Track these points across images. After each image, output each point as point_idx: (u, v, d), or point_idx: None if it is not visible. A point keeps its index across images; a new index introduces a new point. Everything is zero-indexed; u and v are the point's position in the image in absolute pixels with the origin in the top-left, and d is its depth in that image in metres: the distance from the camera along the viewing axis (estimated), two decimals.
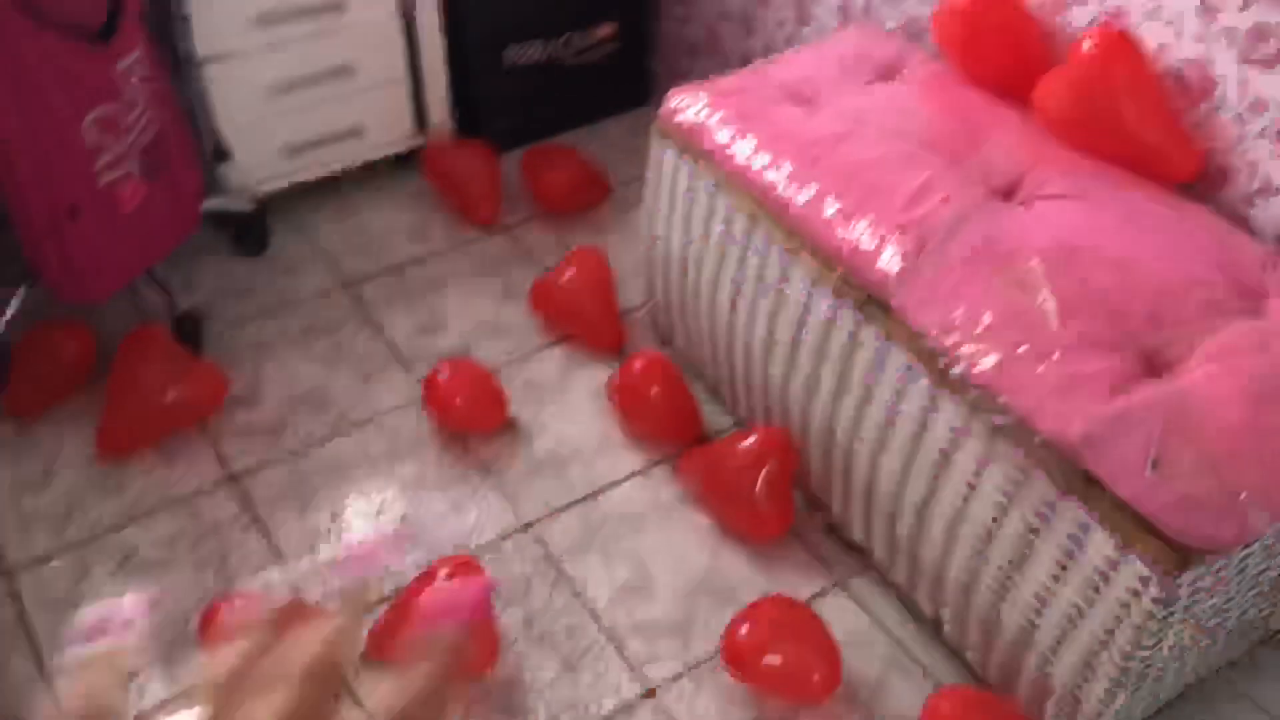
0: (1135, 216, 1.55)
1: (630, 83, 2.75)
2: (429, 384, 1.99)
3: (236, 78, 2.15)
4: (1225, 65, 1.56)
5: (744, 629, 1.62)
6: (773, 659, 1.61)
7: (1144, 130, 1.62)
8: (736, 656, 1.64)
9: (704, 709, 1.65)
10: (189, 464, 1.94)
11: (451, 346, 2.18)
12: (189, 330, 2.09)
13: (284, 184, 2.36)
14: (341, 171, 2.43)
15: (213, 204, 2.21)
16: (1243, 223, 1.61)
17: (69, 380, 2.01)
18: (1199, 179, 1.64)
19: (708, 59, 2.59)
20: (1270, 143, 1.55)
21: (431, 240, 2.41)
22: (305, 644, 0.48)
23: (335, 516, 1.88)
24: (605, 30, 2.60)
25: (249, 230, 2.31)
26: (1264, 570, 1.40)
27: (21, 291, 2.03)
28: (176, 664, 1.67)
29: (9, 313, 2.02)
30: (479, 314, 2.25)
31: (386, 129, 2.43)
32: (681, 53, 2.66)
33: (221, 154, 2.20)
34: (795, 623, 1.64)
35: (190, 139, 2.01)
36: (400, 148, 2.48)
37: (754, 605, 1.66)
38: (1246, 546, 1.31)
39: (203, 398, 1.98)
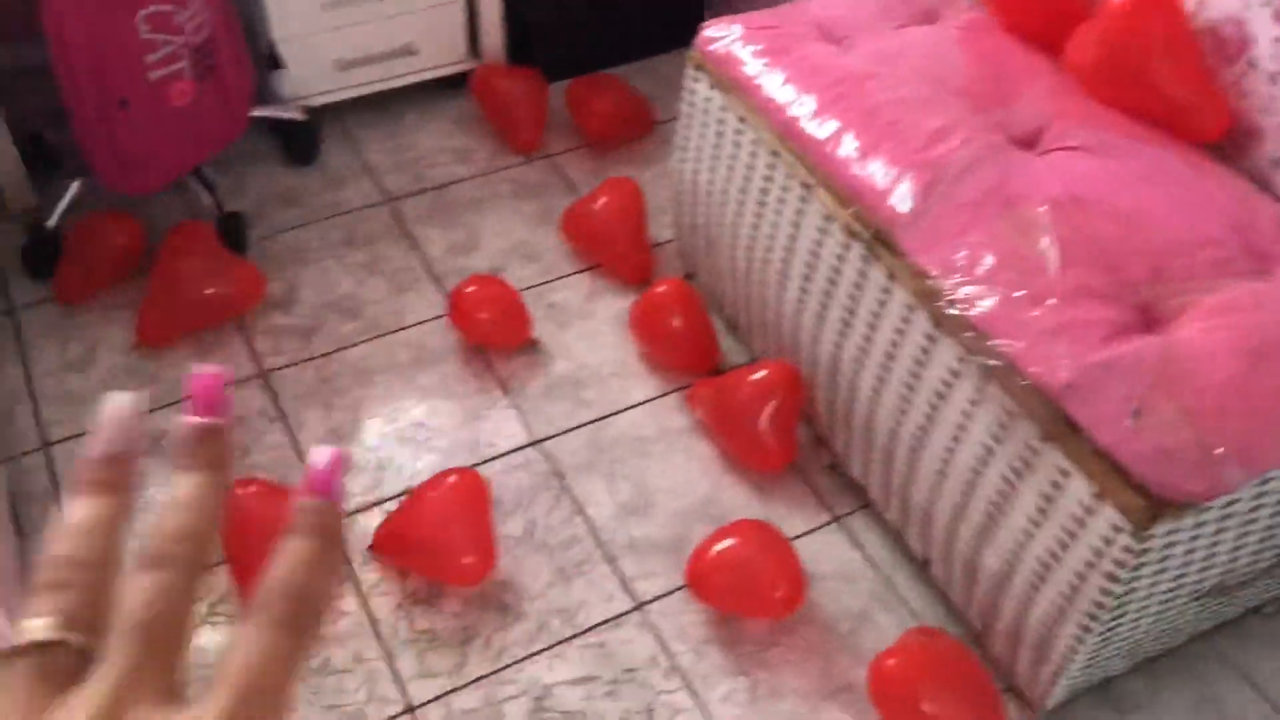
0: (1154, 172, 1.54)
1: (683, 20, 2.74)
2: (456, 296, 2.04)
3: None
4: (1261, 25, 1.54)
5: (705, 551, 1.68)
6: (729, 578, 1.66)
7: (1173, 87, 1.60)
8: (697, 577, 1.69)
9: (688, 626, 1.70)
10: (223, 358, 2.03)
11: (483, 266, 2.23)
12: (233, 230, 2.17)
13: (335, 97, 2.41)
14: (392, 89, 2.49)
15: (265, 111, 2.28)
16: (1267, 186, 1.59)
17: (116, 269, 2.10)
18: (1227, 139, 1.62)
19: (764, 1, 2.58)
20: None
21: (473, 162, 2.46)
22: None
23: (357, 417, 1.95)
24: None
25: (299, 140, 2.38)
26: (1246, 530, 1.41)
27: (77, 184, 2.13)
28: None
29: (64, 203, 2.11)
30: (512, 236, 2.30)
31: (439, 50, 2.47)
32: None
33: (274, 62, 2.27)
34: (756, 541, 1.68)
35: (243, 45, 2.07)
36: (451, 69, 2.52)
37: (718, 530, 1.71)
38: (1226, 503, 1.31)
39: (241, 296, 2.06)
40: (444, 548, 1.69)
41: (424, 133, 2.52)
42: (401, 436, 1.93)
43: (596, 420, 1.97)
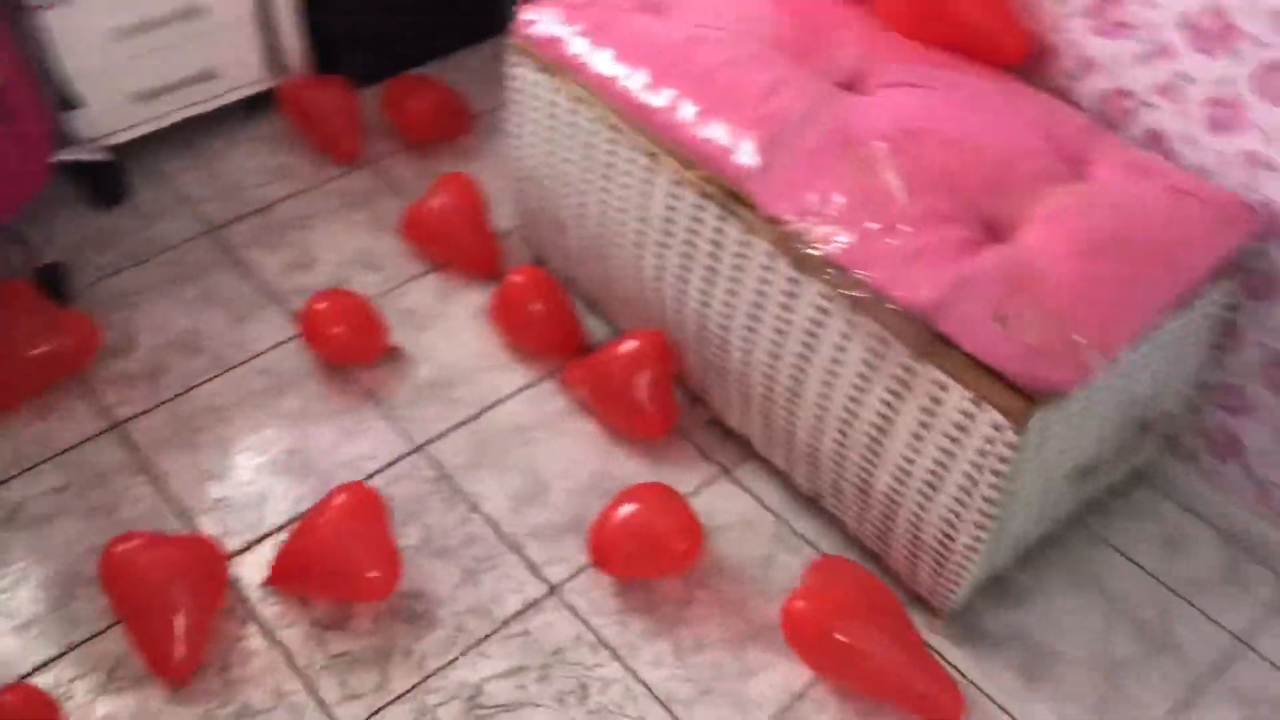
0: (969, 98, 1.65)
1: (483, 12, 2.75)
2: (305, 316, 1.99)
3: (79, 23, 2.09)
4: None
5: (603, 524, 1.71)
6: (630, 543, 1.70)
7: (973, 16, 1.71)
8: (600, 550, 1.72)
9: (605, 599, 1.72)
10: (68, 416, 1.92)
11: (324, 282, 2.18)
12: (54, 283, 2.05)
13: (139, 132, 2.30)
14: (197, 116, 2.39)
15: (66, 155, 2.16)
16: (1065, 97, 1.72)
17: None
18: (1026, 60, 1.74)
19: None
20: (1086, 21, 1.66)
21: (294, 179, 2.39)
22: None
23: (224, 455, 1.88)
24: None
25: (106, 180, 2.26)
26: (1104, 409, 1.53)
27: None
28: (73, 612, 1.67)
29: None
30: (349, 248, 2.25)
31: (240, 70, 2.39)
32: None
33: (69, 103, 2.14)
34: (648, 501, 1.71)
35: (36, 88, 1.95)
36: (255, 89, 2.44)
37: (611, 501, 1.74)
38: (1087, 387, 1.43)
39: (75, 349, 1.95)
40: (346, 566, 1.66)
41: (237, 156, 2.43)
42: (276, 466, 1.87)
43: (473, 417, 1.97)
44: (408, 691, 1.61)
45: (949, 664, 1.67)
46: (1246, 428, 1.75)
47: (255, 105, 2.48)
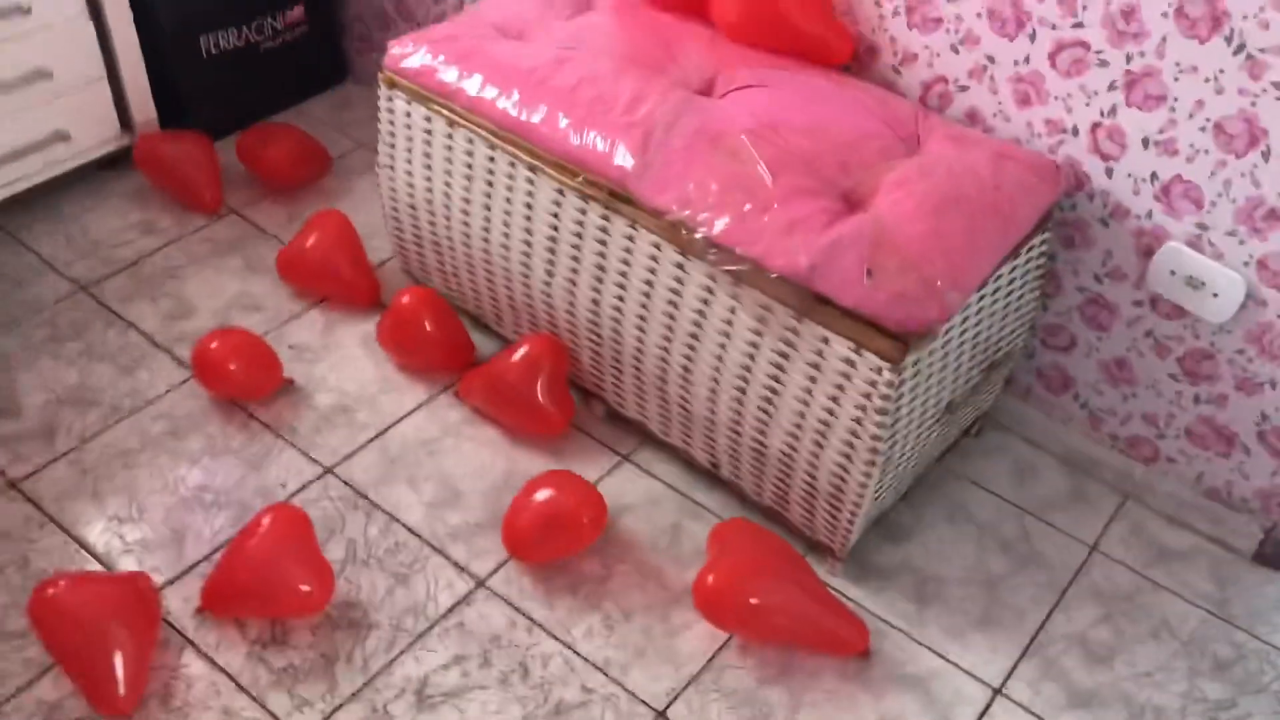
0: (811, 93, 1.85)
1: (326, 62, 2.84)
2: (200, 355, 2.02)
3: None
4: None
5: (513, 518, 1.84)
6: (541, 529, 1.82)
7: (804, 23, 1.92)
8: (514, 542, 1.84)
9: (530, 585, 1.82)
10: None
11: (206, 328, 2.21)
12: None
13: None
14: (53, 180, 2.39)
15: None
16: (892, 87, 1.96)
17: None
18: (854, 58, 1.97)
19: (401, 26, 2.72)
20: (904, 18, 1.90)
21: (160, 233, 2.42)
22: None
23: (133, 499, 1.89)
24: (296, 13, 2.68)
25: None
26: (960, 348, 1.75)
27: None
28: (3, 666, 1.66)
29: None
30: (226, 293, 2.29)
31: (92, 131, 2.40)
32: (374, 27, 2.78)
33: None
34: (550, 486, 1.84)
35: None
36: (110, 148, 2.45)
37: (516, 496, 1.86)
38: (947, 328, 1.64)
39: None
40: (280, 584, 1.71)
41: (99, 215, 2.44)
42: (189, 503, 1.90)
43: (378, 436, 2.04)
44: (357, 692, 1.67)
45: (851, 601, 1.84)
46: (1073, 363, 2.01)
47: (111, 164, 2.49)
